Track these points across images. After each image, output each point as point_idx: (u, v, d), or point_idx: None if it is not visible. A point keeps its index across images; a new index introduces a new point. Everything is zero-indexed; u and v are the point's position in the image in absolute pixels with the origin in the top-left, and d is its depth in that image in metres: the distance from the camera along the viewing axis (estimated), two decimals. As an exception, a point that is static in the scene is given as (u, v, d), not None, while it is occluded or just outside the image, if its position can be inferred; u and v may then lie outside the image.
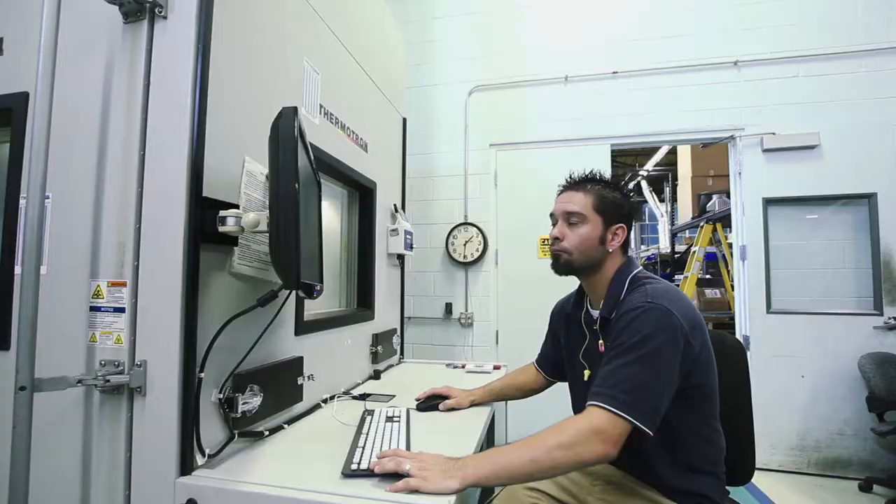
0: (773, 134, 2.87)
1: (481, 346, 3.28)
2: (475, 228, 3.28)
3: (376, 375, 1.79)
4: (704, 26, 3.04)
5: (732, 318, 4.30)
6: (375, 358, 1.83)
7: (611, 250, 1.10)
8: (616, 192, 1.13)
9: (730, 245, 4.38)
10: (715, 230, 4.44)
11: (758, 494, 2.45)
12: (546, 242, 3.18)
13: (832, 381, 2.71)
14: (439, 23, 3.50)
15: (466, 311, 3.29)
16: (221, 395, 0.97)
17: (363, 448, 0.99)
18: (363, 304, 1.83)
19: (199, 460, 0.91)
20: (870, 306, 2.73)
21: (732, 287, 4.47)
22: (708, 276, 4.92)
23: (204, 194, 0.92)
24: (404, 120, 2.33)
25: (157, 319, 0.89)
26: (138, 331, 0.90)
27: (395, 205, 2.10)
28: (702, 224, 4.50)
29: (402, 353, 2.20)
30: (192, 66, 0.91)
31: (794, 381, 2.77)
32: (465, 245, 3.30)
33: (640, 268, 1.12)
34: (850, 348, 2.66)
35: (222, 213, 0.94)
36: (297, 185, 0.77)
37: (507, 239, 3.29)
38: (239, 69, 1.05)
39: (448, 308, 3.31)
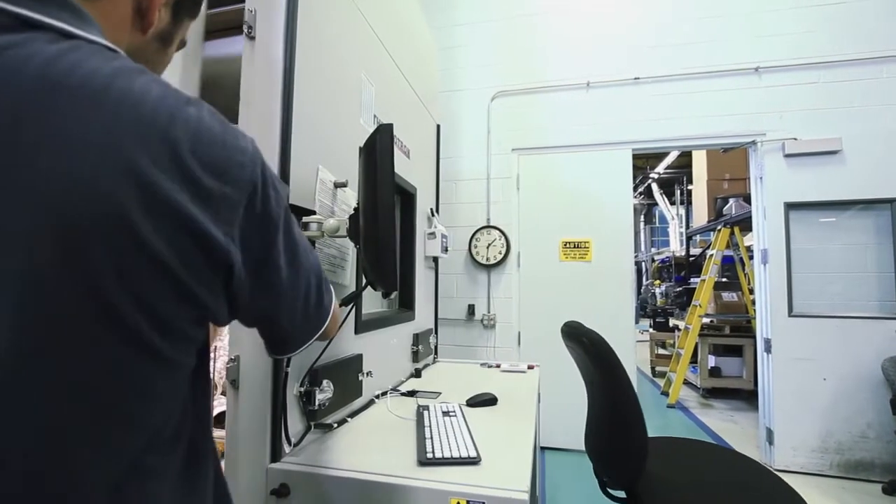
0: (795, 139, 2.91)
1: (503, 348, 3.33)
2: (498, 231, 3.34)
3: (417, 374, 1.85)
4: (725, 32, 3.09)
5: (749, 321, 4.35)
6: (416, 357, 1.89)
7: (145, 34, 0.48)
8: None
9: (747, 248, 4.41)
10: (732, 233, 4.47)
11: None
12: (568, 245, 3.24)
13: (854, 383, 2.74)
14: (462, 29, 3.58)
15: (489, 312, 3.35)
16: (301, 389, 1.04)
17: (431, 439, 1.05)
18: (405, 305, 1.90)
19: (286, 448, 0.97)
20: (892, 310, 2.76)
21: (750, 290, 4.53)
22: (724, 279, 4.95)
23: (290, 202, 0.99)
24: (438, 126, 2.40)
25: (248, 317, 0.95)
26: (231, 328, 0.97)
27: (431, 209, 2.17)
28: (719, 227, 4.54)
29: (436, 353, 2.27)
30: (281, 81, 0.98)
31: (816, 383, 2.80)
32: (487, 248, 3.36)
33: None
34: (872, 351, 2.70)
35: (305, 218, 1.01)
36: (394, 196, 0.84)
37: (529, 241, 3.35)
38: (312, 84, 1.12)
39: (471, 309, 3.37)
